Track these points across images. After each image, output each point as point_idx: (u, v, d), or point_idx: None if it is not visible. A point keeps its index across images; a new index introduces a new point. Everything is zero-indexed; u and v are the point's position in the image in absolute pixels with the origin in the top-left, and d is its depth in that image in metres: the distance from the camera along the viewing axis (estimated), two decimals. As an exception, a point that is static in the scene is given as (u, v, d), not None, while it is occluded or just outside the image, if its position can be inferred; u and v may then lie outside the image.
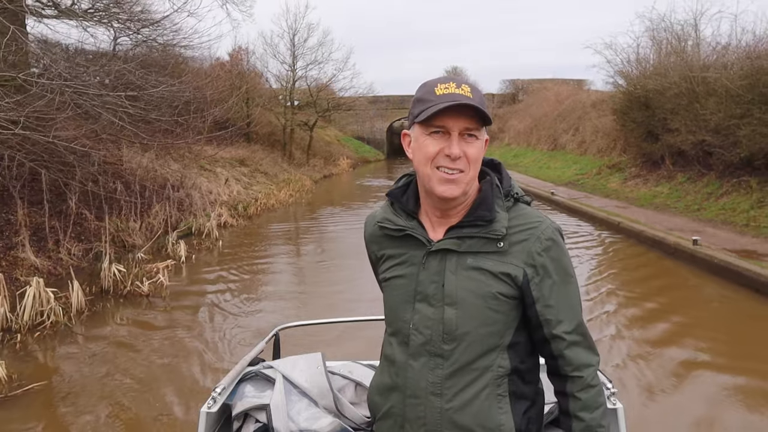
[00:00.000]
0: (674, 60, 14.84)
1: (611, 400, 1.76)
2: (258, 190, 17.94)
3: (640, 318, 6.60)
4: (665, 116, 14.99)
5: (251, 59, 27.41)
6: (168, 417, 4.41)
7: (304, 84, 29.11)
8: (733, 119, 12.05)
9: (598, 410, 1.38)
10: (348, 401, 2.04)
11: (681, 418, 4.32)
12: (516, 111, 38.57)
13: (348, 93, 31.02)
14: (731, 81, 12.04)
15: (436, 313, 1.37)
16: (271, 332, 2.46)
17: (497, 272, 1.35)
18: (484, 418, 1.36)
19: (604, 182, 17.90)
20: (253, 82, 25.81)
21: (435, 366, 1.37)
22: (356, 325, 5.18)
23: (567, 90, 34.55)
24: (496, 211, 1.37)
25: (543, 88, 38.92)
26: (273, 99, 27.75)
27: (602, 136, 21.73)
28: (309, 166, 27.19)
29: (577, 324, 1.39)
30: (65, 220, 9.59)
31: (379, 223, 1.51)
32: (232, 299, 7.64)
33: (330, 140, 36.83)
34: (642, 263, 9.47)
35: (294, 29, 28.40)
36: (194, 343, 5.99)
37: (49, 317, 6.25)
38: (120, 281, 7.62)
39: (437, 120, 1.32)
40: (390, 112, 43.31)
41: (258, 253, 10.90)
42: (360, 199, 19.70)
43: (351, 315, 5.69)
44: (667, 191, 14.34)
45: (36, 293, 6.30)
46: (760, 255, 8.31)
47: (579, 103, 27.52)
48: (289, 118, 27.32)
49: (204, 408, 1.87)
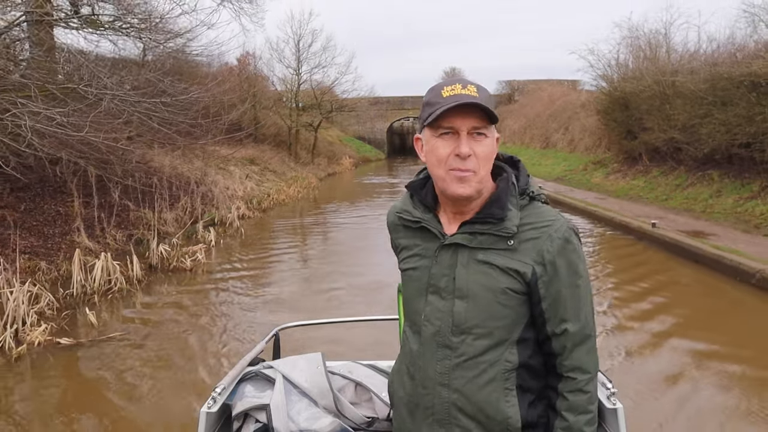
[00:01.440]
0: (648, 65, 16.29)
1: (611, 400, 1.74)
2: (269, 186, 19.40)
3: (603, 280, 8.10)
4: (641, 116, 16.44)
5: (258, 64, 28.85)
6: (216, 345, 5.88)
7: (308, 87, 30.58)
8: (697, 119, 13.50)
9: (583, 415, 1.38)
10: (348, 401, 2.06)
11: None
12: (512, 111, 39.91)
13: (351, 95, 32.53)
14: (695, 85, 13.49)
15: (446, 305, 1.41)
16: (271, 332, 2.49)
17: (506, 268, 1.37)
18: (491, 410, 1.39)
19: (588, 177, 19.34)
20: (260, 86, 27.32)
21: (443, 357, 1.41)
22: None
23: (560, 91, 35.94)
24: (509, 209, 1.39)
25: (538, 88, 40.26)
26: (279, 101, 29.21)
27: (589, 134, 23.16)
28: (314, 164, 28.65)
29: (581, 326, 1.40)
30: (109, 211, 11.05)
31: (398, 213, 1.55)
32: (258, 273, 9.13)
33: (332, 140, 38.27)
34: (610, 243, 10.96)
35: (299, 35, 29.92)
36: (230, 304, 7.47)
37: (115, 284, 7.73)
38: (165, 259, 9.10)
39: (445, 121, 1.35)
40: (390, 112, 44.74)
41: (275, 240, 12.39)
42: (363, 196, 21.18)
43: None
44: (642, 184, 15.79)
45: (104, 265, 7.78)
46: (705, 234, 9.76)
47: (569, 104, 28.95)
48: (295, 120, 28.79)
49: (204, 408, 1.88)
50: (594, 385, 1.41)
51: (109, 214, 11.02)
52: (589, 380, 1.39)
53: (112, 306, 7.30)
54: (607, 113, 19.16)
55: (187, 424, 4.17)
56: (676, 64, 15.22)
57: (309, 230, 14.15)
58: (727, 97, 12.36)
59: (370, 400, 2.08)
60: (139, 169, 12.65)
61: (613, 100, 18.33)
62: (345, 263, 9.80)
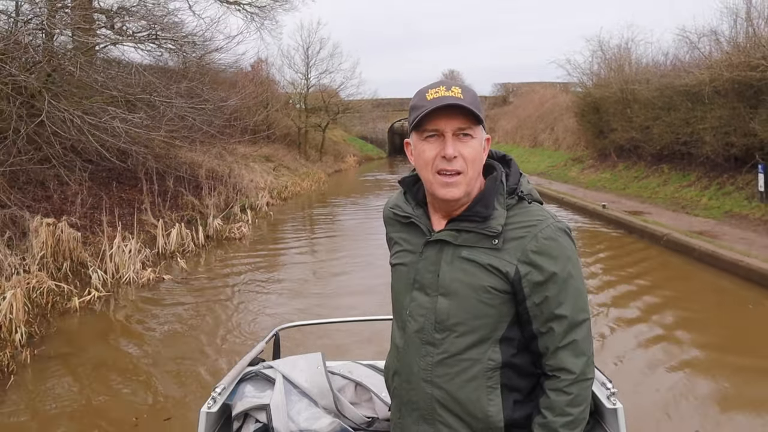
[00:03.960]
0: (613, 75, 18.89)
1: (611, 400, 1.72)
2: (285, 180, 22.00)
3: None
4: (609, 118, 19.01)
5: (270, 70, 31.46)
6: (275, 277, 8.47)
7: (316, 90, 33.19)
8: (650, 121, 16.07)
9: (561, 417, 1.37)
10: (348, 401, 2.07)
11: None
12: (506, 112, 42.42)
13: (355, 98, 35.20)
14: (648, 92, 16.06)
15: (430, 302, 1.43)
16: (271, 332, 2.48)
17: (490, 266, 1.38)
18: (473, 407, 1.40)
19: (567, 172, 21.92)
20: (272, 91, 29.91)
21: (426, 353, 1.43)
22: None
23: (550, 93, 38.40)
24: (494, 209, 1.40)
25: (531, 90, 42.67)
26: (289, 104, 31.84)
27: (570, 134, 25.74)
28: (322, 162, 31.26)
29: (567, 326, 1.38)
30: (163, 196, 13.64)
31: (391, 208, 1.59)
32: (289, 242, 11.77)
33: (337, 140, 40.85)
34: (571, 221, 13.54)
35: (308, 43, 32.53)
36: (274, 257, 10.09)
37: (187, 246, 10.32)
38: (218, 231, 11.69)
39: (429, 124, 1.36)
40: (391, 113, 47.22)
41: (297, 221, 15.03)
42: (367, 190, 23.80)
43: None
44: (609, 177, 18.38)
45: (178, 231, 10.37)
46: (642, 213, 12.34)
47: (557, 106, 31.51)
48: (304, 121, 31.39)
49: (204, 408, 1.88)
50: (580, 388, 1.38)
51: (164, 199, 13.62)
52: (573, 381, 1.37)
53: (190, 260, 9.90)
54: (582, 115, 21.74)
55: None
56: (635, 75, 17.79)
57: (323, 215, 16.76)
58: (672, 103, 14.92)
59: (370, 400, 2.09)
60: (185, 164, 15.25)
61: (587, 104, 20.91)
62: (353, 238, 12.46)
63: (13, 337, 5.65)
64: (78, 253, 8.65)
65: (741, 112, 11.84)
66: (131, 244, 8.94)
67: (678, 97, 14.49)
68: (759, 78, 11.11)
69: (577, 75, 21.85)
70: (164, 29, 16.14)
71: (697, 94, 13.42)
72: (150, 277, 8.37)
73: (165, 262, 9.39)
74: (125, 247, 8.80)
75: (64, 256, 8.36)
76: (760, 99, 11.43)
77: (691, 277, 8.34)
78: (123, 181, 13.08)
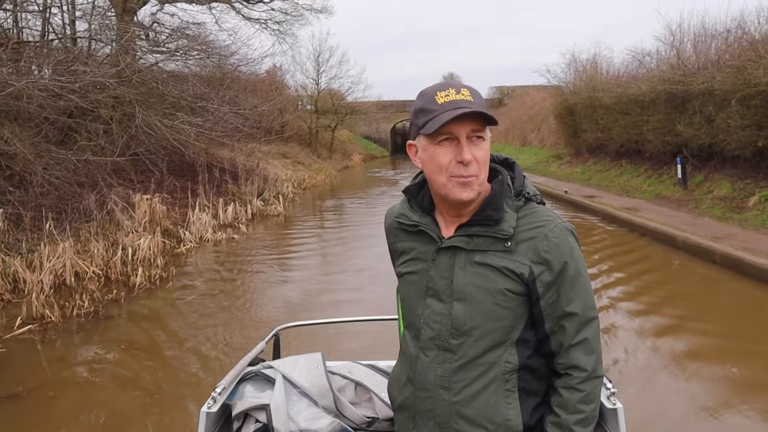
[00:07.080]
0: (583, 84, 22.11)
1: (611, 400, 1.73)
2: (302, 174, 25.24)
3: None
4: (581, 121, 22.20)
5: (284, 76, 34.73)
6: (309, 239, 11.70)
7: (326, 94, 36.50)
8: (611, 123, 19.26)
9: (574, 414, 1.38)
10: (348, 401, 2.07)
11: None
12: (500, 114, 45.29)
13: (362, 101, 38.51)
14: (610, 99, 19.25)
15: (445, 308, 1.43)
16: (271, 332, 2.49)
17: (504, 269, 1.39)
18: (491, 412, 1.40)
19: (547, 167, 25.10)
20: (286, 95, 33.18)
21: (444, 360, 1.43)
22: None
23: (541, 96, 41.50)
24: (504, 211, 1.41)
25: (524, 93, 45.66)
26: (302, 107, 35.15)
27: (554, 134, 28.93)
28: (332, 159, 34.52)
29: (579, 323, 1.40)
30: (211, 183, 16.88)
31: (396, 218, 1.58)
32: (316, 217, 15.00)
33: (343, 139, 44.09)
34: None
35: (318, 51, 35.81)
36: (310, 228, 13.36)
37: (240, 220, 13.56)
38: (260, 210, 14.94)
39: (444, 128, 1.34)
40: (393, 114, 50.39)
41: (319, 205, 18.27)
42: (373, 185, 27.04)
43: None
44: (579, 170, 21.57)
45: (233, 208, 13.61)
46: (595, 197, 15.55)
47: (544, 108, 34.65)
48: (315, 122, 34.66)
49: (204, 408, 1.89)
50: (592, 385, 1.40)
51: (211, 186, 16.87)
52: (585, 379, 1.39)
53: (239, 231, 13.13)
54: (560, 117, 24.94)
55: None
56: (600, 84, 20.99)
57: (342, 198, 20.02)
58: (626, 108, 18.10)
59: (370, 400, 2.10)
60: (225, 159, 18.50)
61: (564, 108, 24.11)
62: (362, 224, 15.67)
63: (156, 262, 8.91)
64: (164, 221, 11.89)
65: (672, 116, 15.02)
66: (203, 216, 12.18)
67: (630, 104, 17.67)
68: (682, 90, 14.31)
69: (556, 82, 25.02)
70: (207, 47, 19.36)
71: (642, 101, 16.61)
72: (222, 237, 11.59)
73: (227, 229, 12.65)
74: (201, 218, 12.04)
75: (157, 222, 11.60)
76: (685, 107, 14.61)
77: (619, 239, 11.51)
78: (182, 173, 16.32)
